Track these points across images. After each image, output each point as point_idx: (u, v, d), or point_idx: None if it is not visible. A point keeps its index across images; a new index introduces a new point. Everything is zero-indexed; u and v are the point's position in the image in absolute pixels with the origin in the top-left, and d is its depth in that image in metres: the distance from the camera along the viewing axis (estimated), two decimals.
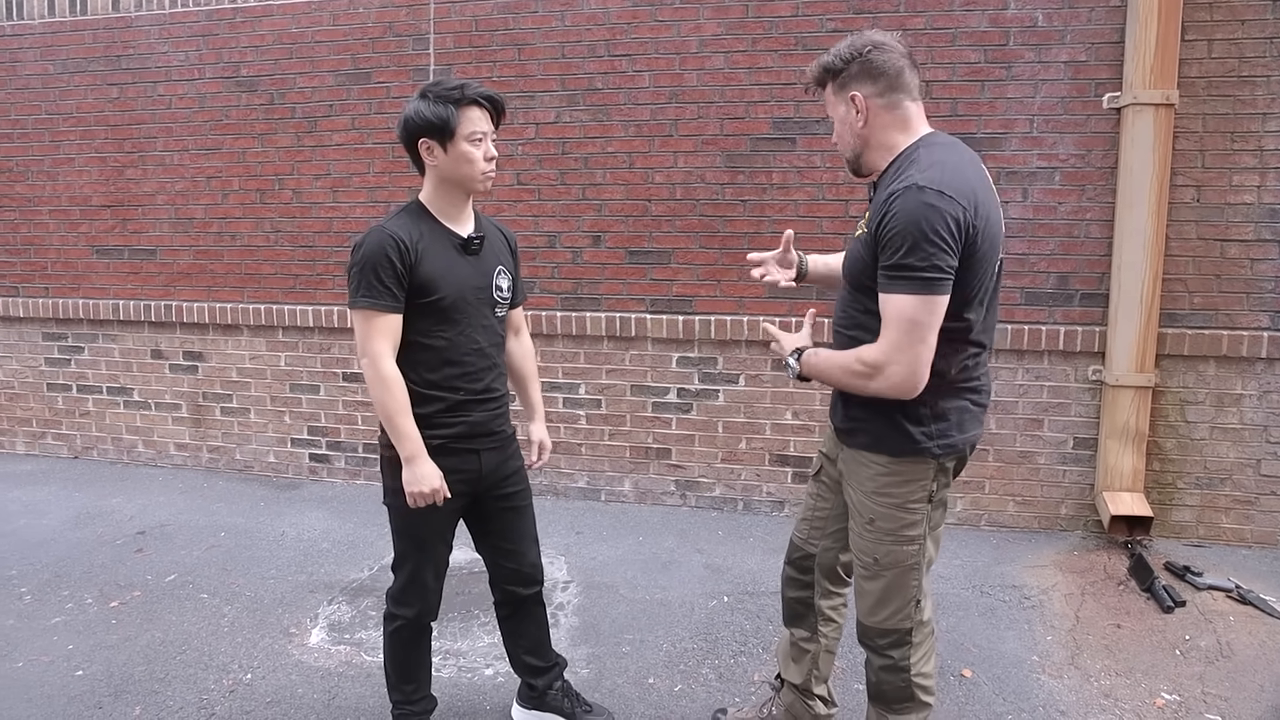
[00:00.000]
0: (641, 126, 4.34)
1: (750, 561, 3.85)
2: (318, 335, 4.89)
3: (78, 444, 5.42)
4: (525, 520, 2.55)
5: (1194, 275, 3.87)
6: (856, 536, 2.11)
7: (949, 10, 3.96)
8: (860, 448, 2.06)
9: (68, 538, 4.15)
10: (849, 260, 2.04)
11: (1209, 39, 3.75)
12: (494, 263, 2.38)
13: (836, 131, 2.06)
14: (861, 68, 1.96)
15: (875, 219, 1.88)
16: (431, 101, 2.18)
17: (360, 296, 2.15)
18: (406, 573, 2.39)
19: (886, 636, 2.10)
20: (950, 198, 1.79)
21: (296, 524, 4.33)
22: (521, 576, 2.55)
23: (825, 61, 2.02)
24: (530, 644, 2.64)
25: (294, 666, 3.05)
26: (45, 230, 5.24)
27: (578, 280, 4.49)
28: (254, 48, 4.78)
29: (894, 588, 2.06)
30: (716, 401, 4.42)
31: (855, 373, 1.92)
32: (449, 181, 2.25)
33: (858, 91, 1.96)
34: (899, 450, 1.98)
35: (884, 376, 1.86)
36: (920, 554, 2.05)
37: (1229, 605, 3.39)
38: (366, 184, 4.71)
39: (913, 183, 1.81)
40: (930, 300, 1.80)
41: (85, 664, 3.06)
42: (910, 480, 2.00)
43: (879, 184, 2.00)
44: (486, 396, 2.36)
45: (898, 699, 2.14)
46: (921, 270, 1.78)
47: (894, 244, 1.80)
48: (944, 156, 1.89)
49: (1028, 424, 4.11)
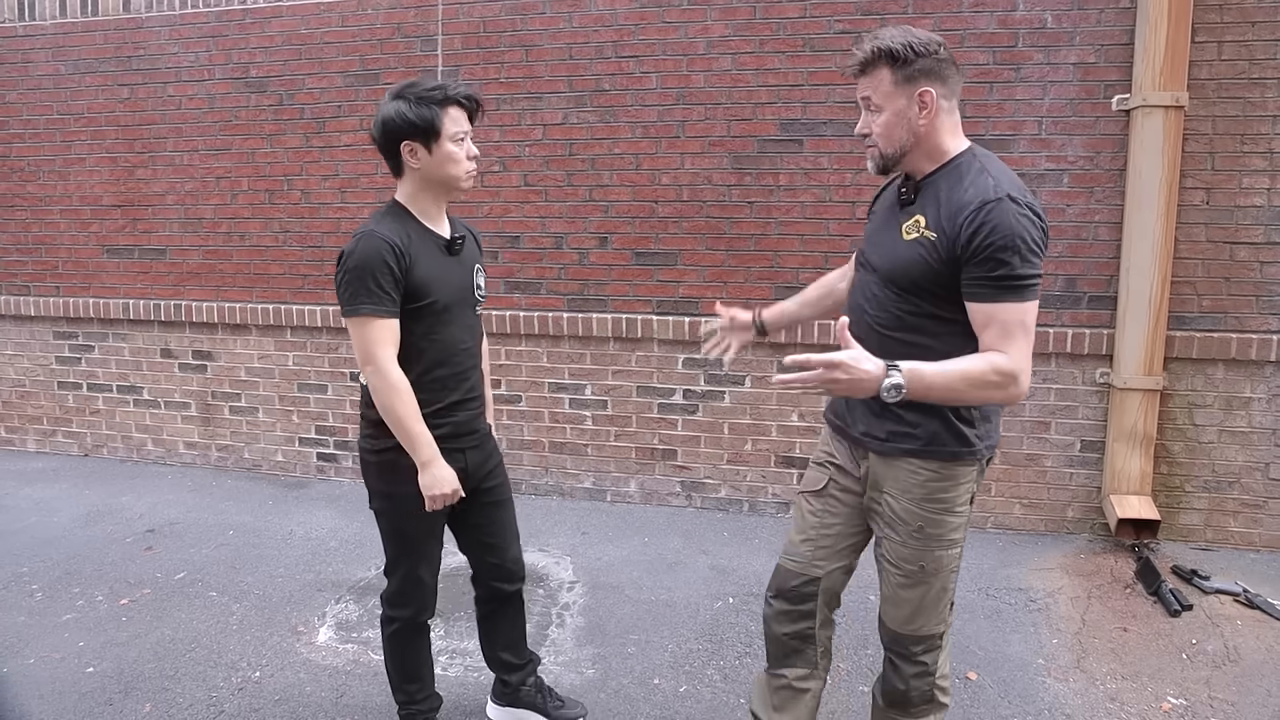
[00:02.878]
0: (649, 128, 4.34)
1: (755, 563, 3.86)
2: (326, 335, 4.91)
3: (88, 442, 5.46)
4: (507, 514, 2.56)
5: (1203, 278, 3.86)
6: (898, 546, 2.03)
7: (957, 12, 3.95)
8: (907, 455, 1.98)
9: (78, 535, 4.18)
10: (902, 263, 1.93)
11: (1219, 41, 3.73)
12: (472, 262, 2.39)
13: (884, 122, 1.91)
14: (936, 64, 1.88)
15: (956, 227, 1.82)
16: (413, 103, 2.15)
17: (361, 303, 2.12)
18: (401, 574, 2.40)
19: (922, 643, 2.07)
20: (1038, 212, 1.82)
21: (304, 523, 4.35)
22: (505, 572, 2.56)
23: (891, 47, 1.86)
24: (507, 641, 2.66)
25: (302, 665, 3.07)
26: (56, 230, 5.28)
27: (584, 281, 4.49)
28: (263, 49, 4.80)
29: (935, 593, 2.03)
30: (722, 403, 4.42)
31: (989, 384, 1.82)
32: (432, 182, 2.24)
33: (930, 88, 1.87)
34: (953, 454, 1.95)
35: (1018, 385, 1.83)
36: (961, 556, 2.05)
37: (1236, 609, 3.38)
38: (375, 185, 4.72)
39: (1005, 194, 1.79)
40: (1036, 307, 1.84)
41: (96, 661, 3.08)
42: (959, 483, 1.98)
43: (925, 187, 1.94)
44: (471, 395, 2.38)
45: (921, 702, 2.13)
46: (1032, 279, 1.80)
47: (1001, 255, 1.78)
48: (1007, 171, 1.89)
49: (1035, 426, 4.10)
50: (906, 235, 1.93)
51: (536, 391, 4.65)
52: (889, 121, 1.91)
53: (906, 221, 1.95)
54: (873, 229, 2.11)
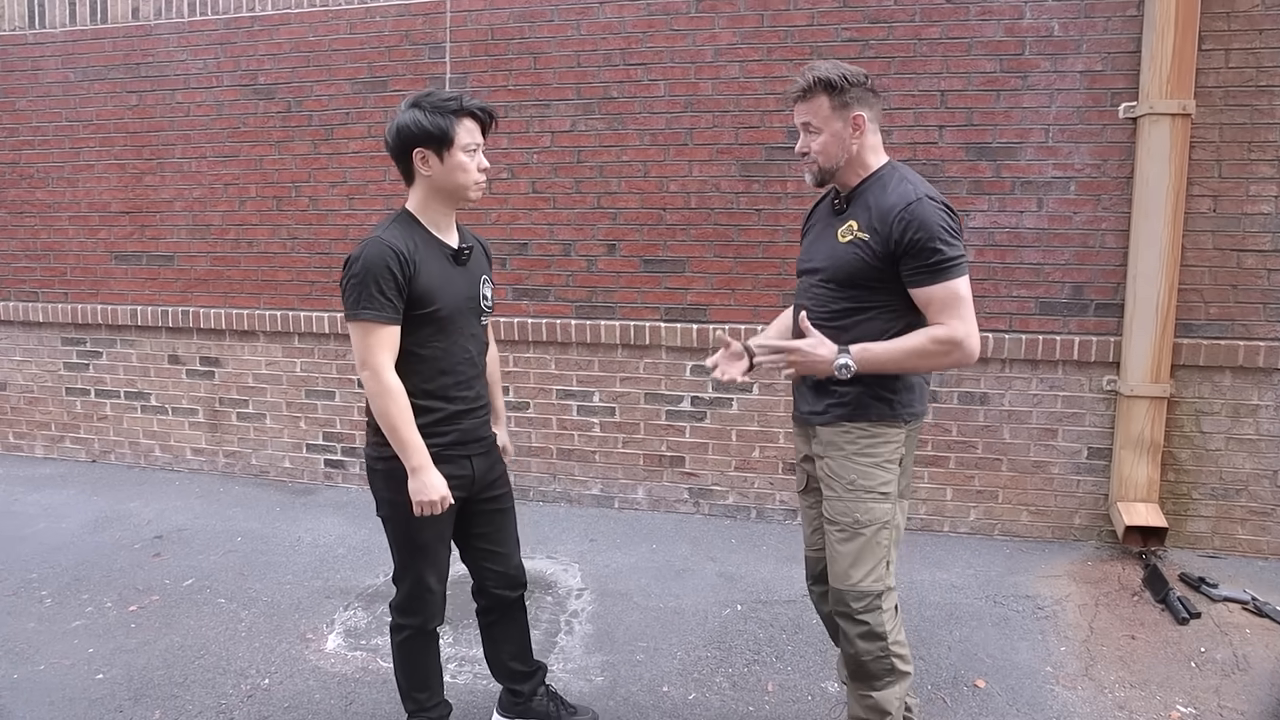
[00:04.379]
0: (656, 135, 4.35)
1: (764, 570, 3.86)
2: (333, 341, 4.93)
3: (95, 448, 5.47)
4: (510, 521, 2.58)
5: (1210, 285, 3.86)
6: (836, 501, 2.27)
7: (964, 20, 3.96)
8: (840, 420, 2.27)
9: (87, 541, 4.20)
10: (841, 262, 2.23)
11: (1226, 49, 3.74)
12: (479, 272, 2.42)
13: (822, 143, 2.23)
14: (865, 93, 2.22)
15: (887, 226, 2.13)
16: (428, 112, 2.19)
17: (362, 308, 2.15)
18: (409, 582, 2.41)
19: (862, 599, 2.23)
20: (950, 207, 2.17)
21: (312, 529, 4.36)
22: (508, 579, 2.58)
23: (829, 77, 2.19)
24: (515, 649, 2.67)
25: (311, 672, 3.08)
26: (65, 236, 5.30)
27: (592, 289, 4.50)
28: (271, 56, 4.82)
29: (869, 546, 2.23)
30: (730, 410, 4.43)
31: (931, 353, 2.14)
32: (442, 191, 2.27)
33: (862, 113, 2.21)
34: (878, 416, 2.25)
35: (964, 349, 2.13)
36: (894, 513, 2.26)
37: (1245, 617, 3.38)
38: (383, 191, 4.74)
39: (921, 195, 2.13)
40: (967, 280, 2.15)
41: (105, 667, 3.09)
42: (887, 441, 2.26)
43: (855, 197, 2.26)
44: (476, 404, 2.41)
45: (879, 672, 2.25)
46: (958, 259, 2.13)
47: (928, 245, 2.09)
48: (921, 178, 2.23)
49: (1042, 434, 4.10)
50: (842, 239, 2.24)
51: (544, 398, 4.66)
52: (827, 141, 2.23)
53: (840, 227, 2.26)
54: (811, 240, 2.43)
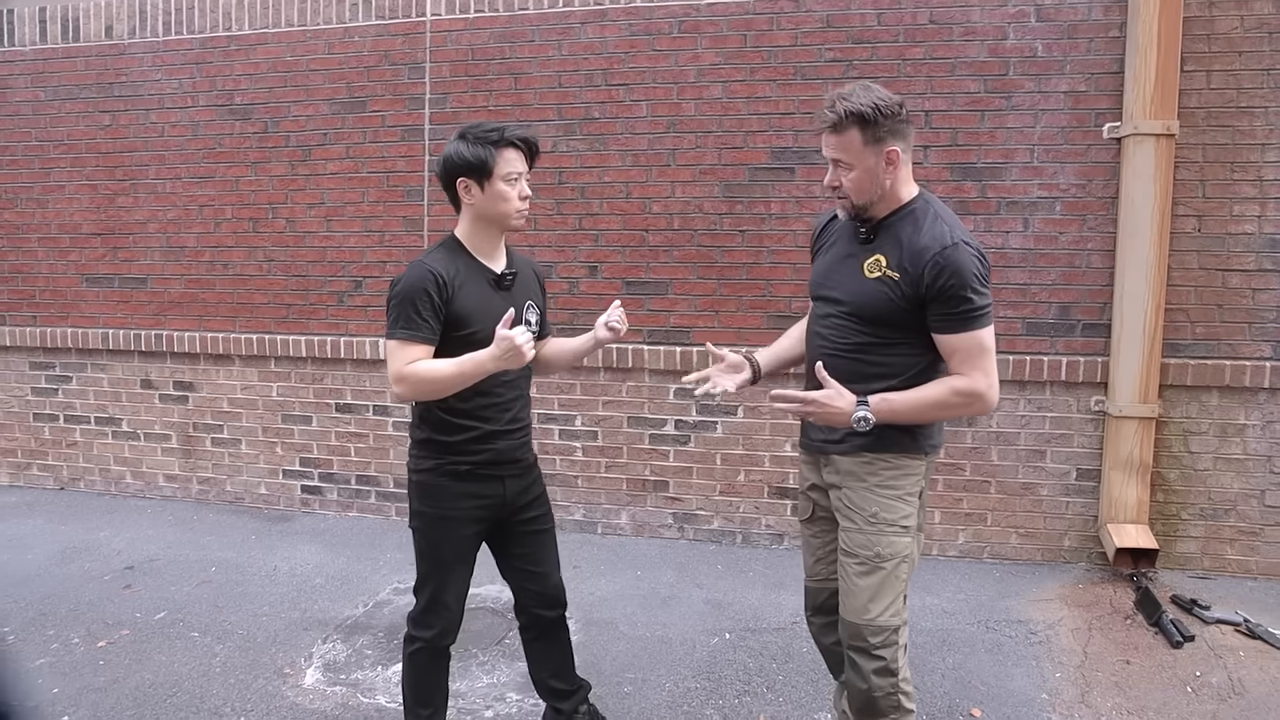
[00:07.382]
0: (639, 156, 4.31)
1: (751, 596, 3.79)
2: (310, 365, 4.83)
3: (64, 475, 5.32)
4: (548, 542, 2.61)
5: (1196, 305, 3.86)
6: (855, 534, 2.19)
7: (948, 40, 3.96)
8: (862, 450, 2.19)
9: (54, 573, 4.06)
10: (868, 298, 2.15)
11: (1207, 70, 3.76)
12: (524, 297, 2.48)
13: (855, 178, 2.10)
14: (900, 123, 2.08)
15: (920, 269, 2.05)
16: (470, 143, 2.29)
17: (398, 328, 2.24)
18: (428, 594, 2.44)
19: (879, 634, 2.15)
20: (982, 252, 2.09)
21: (289, 558, 4.24)
22: (546, 599, 2.60)
23: (862, 110, 2.03)
24: (555, 667, 2.68)
25: (289, 709, 2.97)
26: (34, 258, 5.17)
27: (574, 311, 4.44)
28: (248, 75, 4.75)
29: (889, 581, 2.15)
30: (715, 433, 4.37)
31: (951, 405, 2.11)
32: (485, 219, 2.36)
33: (896, 146, 2.08)
34: (902, 448, 2.18)
35: (984, 401, 2.10)
36: (913, 546, 2.20)
37: (1238, 640, 3.35)
38: (361, 213, 4.66)
39: (958, 240, 2.04)
40: (991, 330, 2.10)
41: (71, 708, 2.96)
42: (909, 474, 2.20)
43: (884, 229, 2.16)
44: (513, 426, 2.44)
45: (886, 709, 2.18)
46: (985, 309, 2.07)
47: (959, 293, 2.03)
48: (954, 216, 2.15)
49: (1030, 455, 4.07)
50: (869, 273, 2.15)
51: None
52: (859, 178, 2.11)
53: (868, 260, 2.16)
54: (828, 263, 2.30)
